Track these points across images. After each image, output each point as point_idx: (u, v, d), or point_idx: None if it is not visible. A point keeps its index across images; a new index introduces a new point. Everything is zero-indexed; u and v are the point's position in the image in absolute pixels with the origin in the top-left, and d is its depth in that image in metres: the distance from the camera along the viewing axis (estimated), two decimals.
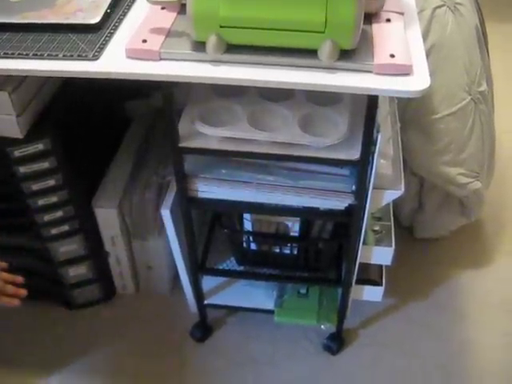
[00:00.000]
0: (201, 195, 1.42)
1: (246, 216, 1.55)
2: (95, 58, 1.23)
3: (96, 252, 1.73)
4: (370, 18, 1.24)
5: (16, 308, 1.84)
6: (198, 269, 1.61)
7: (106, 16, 1.32)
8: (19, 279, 1.38)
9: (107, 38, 1.28)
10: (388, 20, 1.25)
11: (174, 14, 1.31)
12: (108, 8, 1.34)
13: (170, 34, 1.25)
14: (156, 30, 1.26)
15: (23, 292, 1.37)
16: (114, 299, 1.89)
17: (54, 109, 1.49)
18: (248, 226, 1.57)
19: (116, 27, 1.32)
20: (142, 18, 1.31)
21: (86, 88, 1.40)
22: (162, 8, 1.32)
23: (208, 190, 1.41)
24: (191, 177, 1.40)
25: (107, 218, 1.65)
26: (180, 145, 1.32)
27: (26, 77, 1.37)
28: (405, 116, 1.75)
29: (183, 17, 1.29)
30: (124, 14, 1.36)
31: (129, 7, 1.38)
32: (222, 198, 1.42)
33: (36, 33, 1.31)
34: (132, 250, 1.78)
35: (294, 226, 1.56)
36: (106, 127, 1.79)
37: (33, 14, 1.33)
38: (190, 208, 1.46)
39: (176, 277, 1.84)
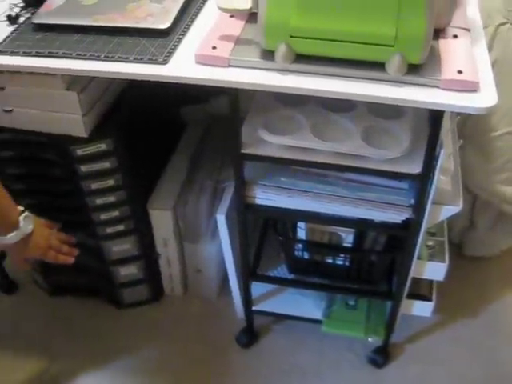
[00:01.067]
0: (258, 202, 1.44)
1: (300, 224, 1.56)
2: (165, 62, 1.25)
3: (148, 253, 1.75)
4: (437, 33, 1.24)
5: (69, 305, 1.92)
6: (249, 275, 1.62)
7: (176, 21, 1.35)
8: (72, 239, 1.45)
9: (176, 43, 1.31)
10: (455, 36, 1.25)
11: (243, 22, 1.33)
12: (177, 14, 1.37)
13: (238, 41, 1.27)
14: (225, 37, 1.28)
15: (76, 251, 1.44)
16: (162, 300, 1.91)
17: (118, 110, 1.52)
18: (302, 234, 1.58)
19: (185, 32, 1.34)
20: (211, 24, 1.33)
21: (146, 91, 1.43)
22: (231, 16, 1.34)
23: (266, 197, 1.42)
24: (250, 183, 1.41)
25: (161, 219, 1.67)
26: (242, 151, 1.34)
27: (94, 78, 1.40)
28: (463, 132, 1.74)
29: (251, 25, 1.33)
30: (192, 20, 1.38)
31: (197, 13, 1.41)
32: (279, 205, 1.43)
33: (106, 35, 1.34)
34: (183, 252, 1.79)
35: (347, 237, 1.56)
36: (163, 131, 1.81)
37: (103, 17, 1.36)
38: (246, 214, 1.47)
39: (224, 281, 1.87)
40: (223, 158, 1.76)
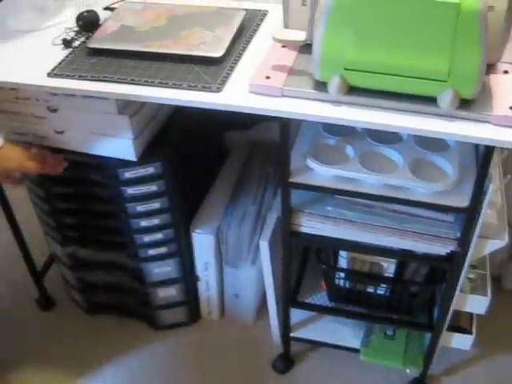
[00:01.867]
0: (303, 230, 1.44)
1: (342, 253, 1.56)
2: (218, 90, 1.27)
3: (187, 276, 1.76)
4: (487, 68, 1.25)
5: (105, 324, 1.94)
6: (289, 302, 1.62)
7: (228, 49, 1.37)
8: (60, 156, 1.51)
9: (229, 72, 1.33)
10: (505, 72, 1.26)
11: (295, 53, 1.34)
12: (230, 42, 1.39)
13: (291, 71, 1.28)
14: (278, 68, 1.29)
15: (64, 162, 1.49)
16: (199, 323, 1.92)
17: (166, 135, 1.55)
18: (343, 263, 1.58)
19: (237, 61, 1.36)
20: (263, 54, 1.35)
21: (192, 116, 1.45)
22: (283, 46, 1.36)
23: (311, 225, 1.43)
24: (296, 211, 1.42)
25: (203, 243, 1.68)
26: (290, 180, 1.35)
27: (145, 103, 1.42)
28: (507, 166, 1.74)
29: (303, 56, 1.34)
30: (244, 49, 1.40)
31: (248, 41, 1.43)
32: (324, 234, 1.43)
33: (160, 62, 1.37)
34: (222, 276, 1.80)
35: (389, 267, 1.55)
36: (207, 155, 1.83)
37: (157, 43, 1.38)
38: (291, 242, 1.48)
39: (261, 306, 1.88)
40: (266, 184, 1.77)
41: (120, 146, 1.44)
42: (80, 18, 1.52)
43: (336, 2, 1.12)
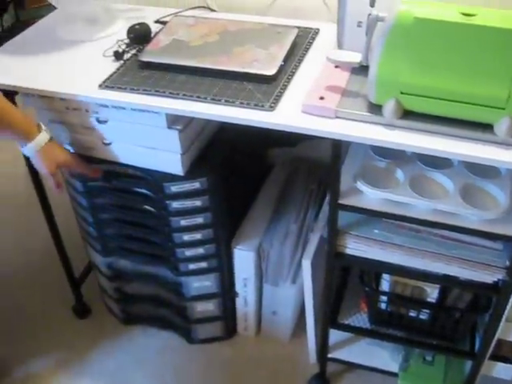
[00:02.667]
0: (348, 251, 1.43)
1: (385, 276, 1.54)
2: (271, 109, 1.27)
3: (226, 291, 1.74)
4: None
5: (140, 335, 1.94)
6: (329, 323, 1.61)
7: (281, 68, 1.37)
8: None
9: (282, 91, 1.32)
10: None
11: (347, 74, 1.33)
12: (283, 60, 1.39)
13: (345, 93, 1.27)
14: (332, 88, 1.28)
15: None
16: (234, 339, 1.90)
17: (212, 150, 1.54)
18: (385, 285, 1.55)
19: (289, 80, 1.36)
20: (315, 73, 1.35)
21: (237, 132, 1.44)
22: (336, 66, 1.35)
23: (357, 247, 1.42)
24: (342, 233, 1.41)
25: (244, 259, 1.67)
26: (339, 201, 1.34)
27: (193, 117, 1.42)
28: None
29: (356, 77, 1.33)
30: (296, 67, 1.40)
31: (300, 61, 1.42)
32: (369, 257, 1.42)
33: (212, 77, 1.37)
34: (261, 293, 1.78)
35: (432, 292, 1.53)
36: (250, 171, 1.83)
37: (210, 59, 1.39)
38: (335, 263, 1.47)
39: (298, 324, 1.86)
40: (308, 202, 1.76)
41: (168, 160, 1.43)
42: (131, 30, 1.53)
43: (395, 26, 1.11)
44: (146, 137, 1.42)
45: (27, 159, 1.47)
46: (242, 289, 1.74)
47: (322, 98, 1.23)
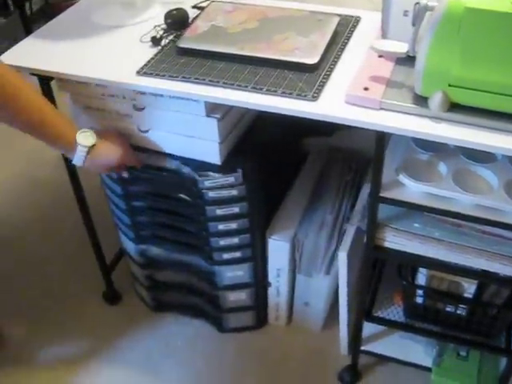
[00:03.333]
0: (387, 245, 1.40)
1: (422, 270, 1.52)
2: (314, 98, 1.24)
3: (259, 281, 1.73)
4: None
5: (170, 323, 1.93)
6: (363, 316, 1.59)
7: (323, 57, 1.33)
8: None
9: (324, 80, 1.29)
10: None
11: (392, 63, 1.30)
12: (325, 49, 1.35)
13: (389, 83, 1.24)
14: (376, 79, 1.25)
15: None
16: (265, 328, 1.89)
17: (249, 139, 1.52)
18: (422, 279, 1.53)
19: (331, 69, 1.32)
20: (358, 63, 1.32)
21: (273, 121, 1.41)
22: (380, 56, 1.32)
23: (396, 241, 1.39)
24: (382, 226, 1.38)
25: (278, 250, 1.65)
26: (381, 194, 1.31)
27: (233, 106, 1.40)
28: None
29: (401, 67, 1.29)
30: (338, 56, 1.36)
31: (342, 49, 1.38)
32: (409, 250, 1.39)
33: (252, 65, 1.34)
34: (294, 284, 1.76)
35: (469, 287, 1.50)
36: (285, 159, 1.80)
37: (250, 46, 1.36)
38: (373, 256, 1.44)
39: (329, 315, 1.83)
40: (344, 193, 1.74)
41: (205, 148, 1.41)
42: (169, 15, 1.50)
43: (445, 17, 1.07)
44: (184, 125, 1.39)
45: None
46: (274, 279, 1.72)
47: (366, 89, 1.20)
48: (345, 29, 1.44)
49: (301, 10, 1.49)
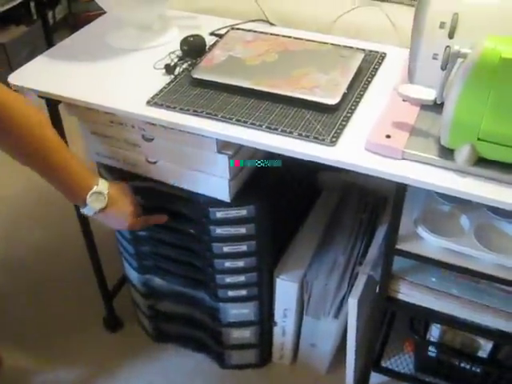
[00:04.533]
0: (401, 297, 1.33)
1: (437, 324, 1.45)
2: (332, 144, 1.16)
3: (264, 320, 1.65)
4: None
5: (171, 354, 1.86)
6: (372, 366, 1.52)
7: (344, 97, 1.26)
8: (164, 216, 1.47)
9: (344, 123, 1.21)
10: None
11: (417, 109, 1.22)
12: (346, 88, 1.29)
13: (413, 131, 1.16)
14: (399, 126, 1.17)
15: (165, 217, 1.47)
16: (268, 366, 1.81)
17: (260, 176, 1.44)
18: (435, 332, 1.45)
19: (352, 110, 1.25)
20: (381, 105, 1.24)
21: (287, 156, 1.33)
22: (404, 100, 1.25)
23: (411, 294, 1.31)
24: (396, 277, 1.31)
25: (286, 290, 1.57)
26: (397, 246, 1.24)
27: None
28: None
29: (427, 113, 1.21)
30: (360, 97, 1.29)
31: (364, 89, 1.31)
32: (423, 304, 1.32)
33: (269, 102, 1.27)
34: (300, 324, 1.69)
35: (485, 345, 1.43)
36: (298, 196, 1.72)
37: (267, 81, 1.28)
38: (386, 307, 1.37)
39: (336, 357, 1.74)
40: (358, 232, 1.66)
41: (214, 184, 1.34)
42: (185, 42, 1.44)
43: (479, 66, 1.00)
44: (194, 159, 1.33)
45: None
46: (281, 319, 1.65)
47: (388, 137, 1.12)
48: (369, 65, 1.37)
49: (324, 44, 1.41)
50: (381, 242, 1.55)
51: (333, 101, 1.22)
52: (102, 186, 1.29)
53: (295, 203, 1.71)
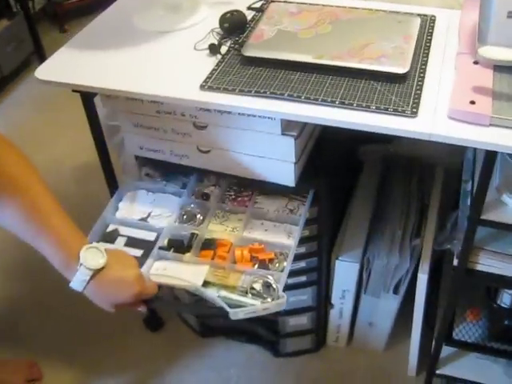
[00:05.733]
0: (480, 268, 1.28)
1: (509, 290, 1.41)
2: (414, 115, 1.09)
3: (322, 304, 1.59)
4: None
5: (219, 346, 1.77)
6: (444, 339, 1.47)
7: (412, 65, 1.19)
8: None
9: (418, 92, 1.14)
10: None
11: (490, 71, 1.16)
12: (413, 56, 1.22)
13: (494, 95, 1.10)
14: (480, 90, 1.11)
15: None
16: (323, 350, 1.75)
17: (317, 157, 1.36)
18: (507, 300, 1.42)
19: (422, 78, 1.17)
20: (449, 70, 1.18)
21: (335, 132, 1.22)
22: (475, 62, 1.19)
23: (490, 263, 1.26)
24: (476, 248, 1.27)
25: (347, 271, 1.51)
26: (482, 217, 1.19)
27: (306, 123, 1.25)
28: None
29: (502, 75, 1.14)
30: (425, 63, 1.21)
31: (426, 55, 1.23)
32: (503, 273, 1.27)
33: (332, 76, 1.18)
34: (358, 304, 1.63)
35: None
36: (345, 172, 1.65)
37: (328, 53, 1.20)
38: (465, 280, 1.32)
39: (392, 334, 1.70)
40: (409, 205, 1.59)
41: (278, 169, 1.26)
42: (225, 19, 1.34)
43: None
44: (253, 144, 1.25)
45: None
46: (338, 300, 1.59)
47: (472, 103, 1.06)
48: (423, 30, 1.31)
49: (373, 11, 1.34)
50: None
51: (403, 69, 1.15)
52: (98, 244, 1.09)
53: (343, 180, 1.64)
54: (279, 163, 1.25)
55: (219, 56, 1.26)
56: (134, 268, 1.11)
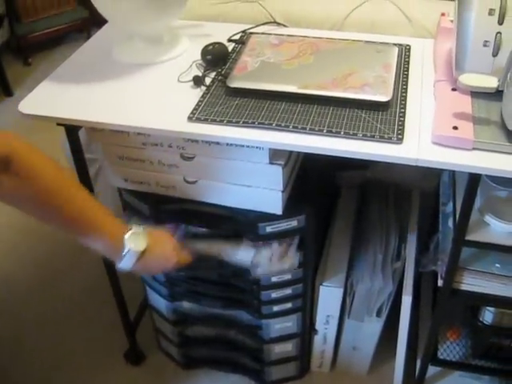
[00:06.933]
0: (464, 287, 1.31)
1: (490, 308, 1.44)
2: (400, 141, 1.13)
3: (306, 330, 1.61)
4: None
5: (202, 377, 1.75)
6: (430, 359, 1.49)
7: (393, 93, 1.24)
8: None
9: (401, 119, 1.19)
10: None
11: (468, 97, 1.21)
12: (394, 84, 1.26)
13: (475, 120, 1.15)
14: (461, 116, 1.15)
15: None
16: (307, 376, 1.75)
17: (299, 184, 1.38)
18: (488, 317, 1.46)
19: (404, 105, 1.22)
20: (428, 97, 1.22)
21: (312, 160, 1.29)
22: (453, 89, 1.24)
23: (475, 283, 1.30)
24: (460, 269, 1.30)
25: (331, 296, 1.53)
26: (467, 238, 1.22)
27: (292, 152, 1.28)
28: None
29: (479, 101, 1.19)
30: (405, 91, 1.26)
31: (405, 83, 1.28)
32: (487, 292, 1.30)
33: (317, 105, 1.21)
34: (342, 329, 1.65)
35: None
36: (325, 199, 1.67)
37: (312, 84, 1.23)
38: (450, 300, 1.35)
39: (375, 357, 1.72)
40: (387, 229, 1.62)
41: (265, 198, 1.28)
42: (207, 51, 1.37)
43: None
44: (241, 173, 1.27)
45: None
46: (322, 326, 1.61)
47: (455, 128, 1.11)
48: (400, 59, 1.35)
49: (351, 41, 1.38)
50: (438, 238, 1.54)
51: (386, 97, 1.18)
52: (136, 227, 1.18)
53: (323, 206, 1.66)
54: (266, 192, 1.27)
55: (204, 88, 1.28)
56: (170, 242, 1.26)
